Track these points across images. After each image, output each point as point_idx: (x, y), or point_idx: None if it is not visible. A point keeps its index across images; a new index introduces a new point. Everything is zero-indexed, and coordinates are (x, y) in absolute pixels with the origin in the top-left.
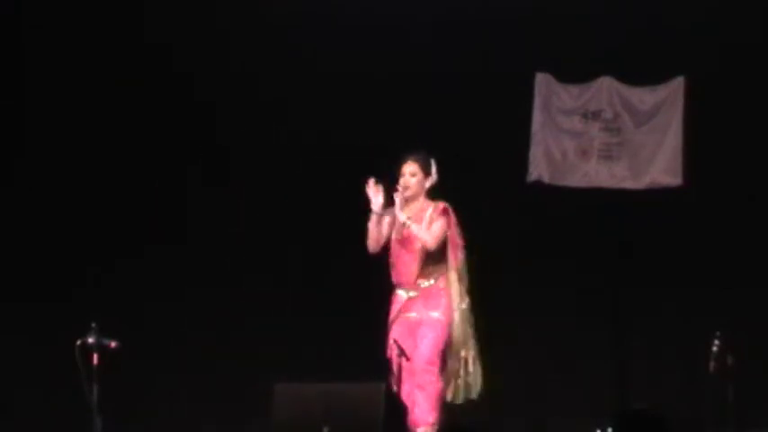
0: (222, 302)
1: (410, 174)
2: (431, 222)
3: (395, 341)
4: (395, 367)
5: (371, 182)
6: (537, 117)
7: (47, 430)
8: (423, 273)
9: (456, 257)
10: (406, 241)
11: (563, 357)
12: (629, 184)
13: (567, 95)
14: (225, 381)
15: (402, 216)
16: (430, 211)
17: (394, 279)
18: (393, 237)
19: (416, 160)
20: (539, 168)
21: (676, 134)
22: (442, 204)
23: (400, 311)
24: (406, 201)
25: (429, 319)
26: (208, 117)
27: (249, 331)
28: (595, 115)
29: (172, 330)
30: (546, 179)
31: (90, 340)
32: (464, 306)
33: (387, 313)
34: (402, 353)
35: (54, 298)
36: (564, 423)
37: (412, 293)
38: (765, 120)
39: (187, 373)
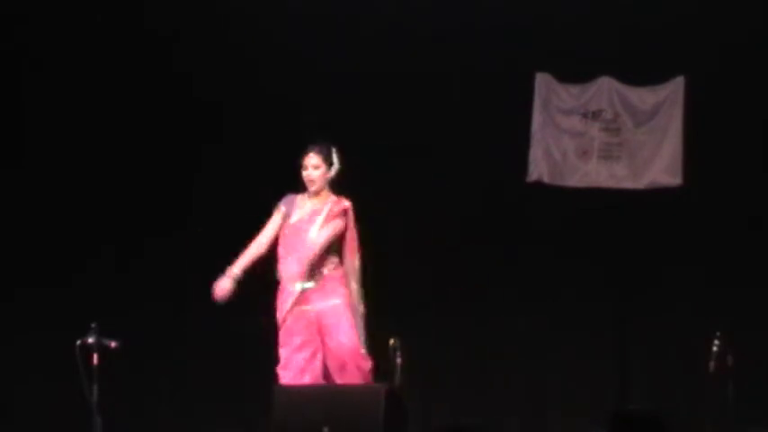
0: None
1: (313, 166)
2: (329, 218)
3: (394, 341)
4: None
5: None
6: (537, 117)
7: (47, 430)
8: (318, 263)
9: (354, 260)
10: (299, 234)
11: (563, 357)
12: (629, 184)
13: (567, 95)
14: (225, 381)
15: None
16: (329, 205)
17: (282, 271)
18: (283, 230)
19: (319, 152)
20: (539, 168)
21: (676, 134)
22: (345, 203)
23: (296, 304)
24: (312, 194)
25: (332, 307)
26: (212, 114)
27: (249, 331)
28: (595, 115)
29: (172, 330)
30: (546, 179)
31: (90, 340)
32: (362, 310)
33: (274, 310)
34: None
35: (54, 298)
36: (564, 423)
37: (308, 285)
38: (765, 120)
39: (187, 373)
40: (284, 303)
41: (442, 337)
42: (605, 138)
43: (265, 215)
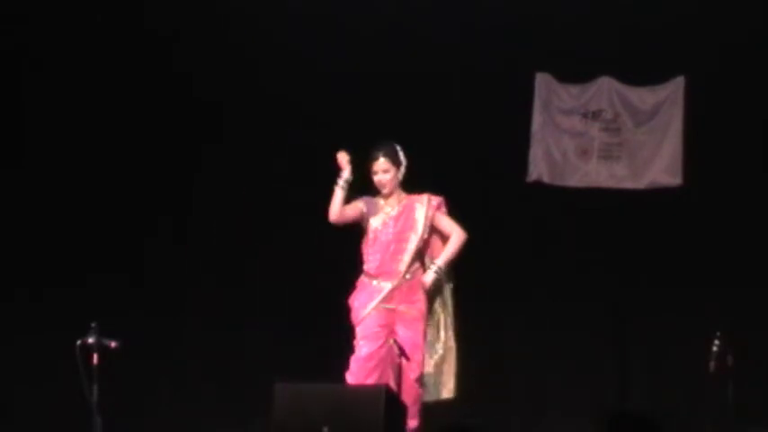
0: (222, 302)
1: (383, 171)
2: (428, 219)
3: (395, 341)
4: (394, 367)
5: (343, 153)
6: (537, 117)
7: (47, 430)
8: (409, 266)
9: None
10: (400, 231)
11: (563, 357)
12: (629, 184)
13: (567, 95)
14: (225, 381)
15: (429, 278)
16: (424, 208)
17: (374, 269)
18: (377, 224)
19: (386, 155)
20: (539, 168)
21: (676, 134)
22: (437, 198)
23: (381, 302)
24: (384, 197)
25: (409, 317)
26: (212, 117)
27: (249, 331)
28: (595, 115)
29: (172, 330)
30: (546, 179)
31: (90, 340)
32: (450, 307)
33: (347, 301)
34: (402, 353)
35: (54, 298)
36: (564, 423)
37: (395, 283)
38: (765, 120)
39: (187, 372)
40: (369, 300)
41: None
42: (605, 138)
43: (265, 215)
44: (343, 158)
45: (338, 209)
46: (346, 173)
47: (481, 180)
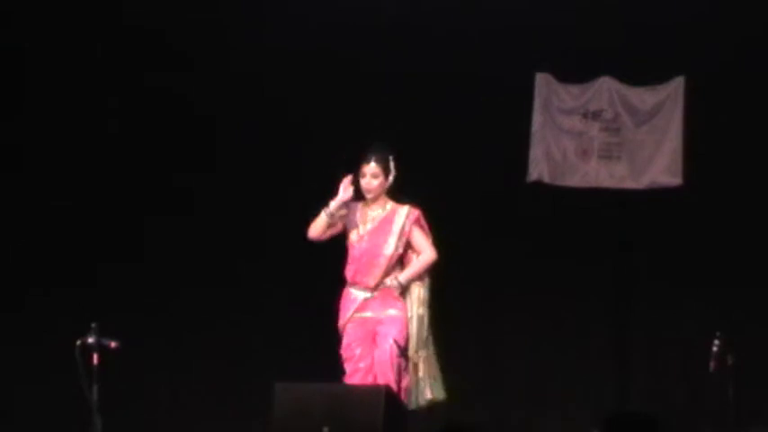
0: (222, 302)
1: (372, 175)
2: (404, 232)
3: (394, 342)
4: (394, 367)
5: (348, 179)
6: (537, 117)
7: (47, 430)
8: (383, 276)
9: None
10: (373, 246)
11: (563, 357)
12: (629, 184)
13: (567, 95)
14: (225, 381)
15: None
16: (402, 220)
17: (350, 277)
18: (353, 237)
19: (378, 161)
20: (539, 168)
21: (676, 134)
22: (415, 212)
23: (356, 311)
24: (369, 202)
25: (388, 316)
26: (211, 117)
27: (249, 331)
28: (595, 115)
29: (172, 330)
30: (546, 179)
31: (90, 340)
32: (421, 311)
33: (336, 309)
34: (402, 353)
35: (54, 298)
36: (564, 423)
37: (368, 294)
38: (765, 119)
39: (186, 372)
40: (346, 310)
41: (441, 337)
42: (605, 137)
43: (265, 215)
44: (344, 185)
45: (318, 233)
46: (333, 205)
47: (481, 180)
